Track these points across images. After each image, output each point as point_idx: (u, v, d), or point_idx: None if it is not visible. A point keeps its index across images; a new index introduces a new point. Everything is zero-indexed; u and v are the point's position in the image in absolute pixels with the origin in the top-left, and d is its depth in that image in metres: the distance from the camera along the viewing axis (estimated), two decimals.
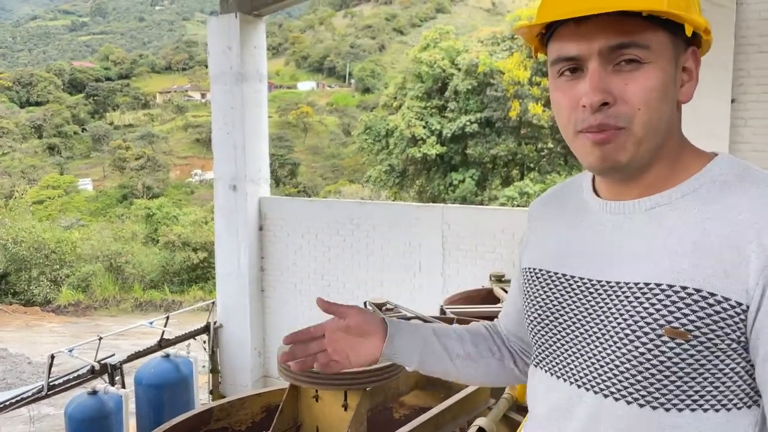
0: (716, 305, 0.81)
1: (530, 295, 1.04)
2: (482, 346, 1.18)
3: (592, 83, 0.85)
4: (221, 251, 8.05)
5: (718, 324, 0.81)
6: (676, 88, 0.89)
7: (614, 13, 0.83)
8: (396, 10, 67.47)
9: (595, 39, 0.85)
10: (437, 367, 1.15)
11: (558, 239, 1.02)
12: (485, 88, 23.39)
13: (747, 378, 0.84)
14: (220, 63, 7.73)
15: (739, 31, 5.31)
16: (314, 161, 41.87)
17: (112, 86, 53.68)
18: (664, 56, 0.86)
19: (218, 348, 7.99)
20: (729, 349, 0.82)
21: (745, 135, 5.39)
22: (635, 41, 0.84)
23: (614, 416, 0.89)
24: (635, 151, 0.87)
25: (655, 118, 0.86)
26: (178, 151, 44.03)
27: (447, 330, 1.17)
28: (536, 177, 22.78)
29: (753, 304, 0.80)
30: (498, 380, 1.21)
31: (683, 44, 0.88)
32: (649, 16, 0.83)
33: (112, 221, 29.01)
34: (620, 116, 0.85)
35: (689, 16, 0.84)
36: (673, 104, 0.89)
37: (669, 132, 0.90)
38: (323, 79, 59.99)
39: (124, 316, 20.35)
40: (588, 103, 0.85)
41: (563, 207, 1.05)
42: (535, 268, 1.04)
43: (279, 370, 2.48)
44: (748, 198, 0.83)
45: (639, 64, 0.84)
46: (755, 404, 0.85)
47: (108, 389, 5.57)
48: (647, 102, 0.85)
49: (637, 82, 0.84)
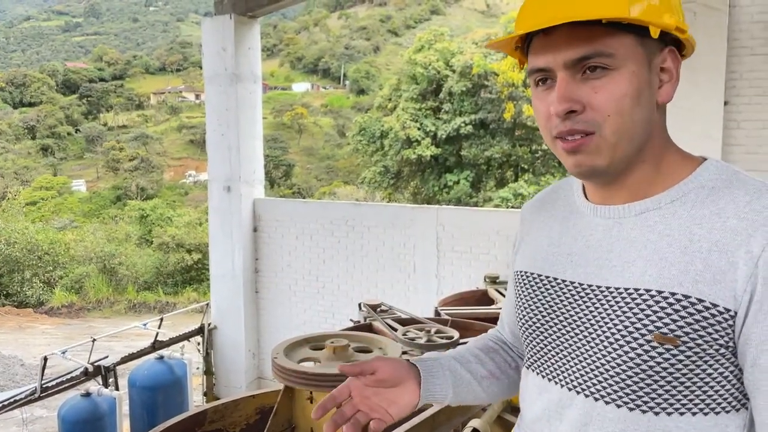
0: (704, 311, 0.82)
1: (522, 299, 1.05)
2: (498, 359, 1.18)
3: (558, 93, 0.87)
4: (215, 252, 8.04)
5: (707, 330, 0.82)
6: (651, 90, 0.88)
7: (577, 23, 0.83)
8: (390, 11, 67.56)
9: (561, 50, 0.86)
10: (469, 396, 1.14)
11: (549, 243, 1.02)
12: (480, 89, 23.46)
13: (735, 382, 0.85)
14: (214, 64, 7.72)
15: (732, 33, 5.34)
16: (309, 162, 41.85)
17: (106, 87, 53.54)
18: (634, 60, 0.86)
19: (212, 349, 7.97)
20: (717, 354, 0.83)
21: (738, 137, 5.42)
22: (599, 50, 0.85)
23: (604, 419, 0.90)
24: (611, 155, 0.88)
25: (628, 123, 0.86)
26: (172, 152, 43.93)
27: (465, 354, 1.16)
28: (530, 178, 22.85)
29: (741, 310, 0.81)
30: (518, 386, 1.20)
31: (658, 45, 0.88)
32: (612, 23, 0.84)
33: (106, 222, 28.92)
34: (589, 122, 0.86)
35: (654, 18, 0.84)
36: (650, 106, 0.89)
37: (648, 134, 0.90)
38: (318, 80, 60.01)
39: (118, 317, 20.27)
40: (554, 113, 0.87)
41: (554, 210, 1.05)
42: (526, 272, 1.05)
43: (273, 372, 2.48)
44: (736, 204, 0.84)
45: (606, 71, 0.85)
46: (743, 407, 0.86)
47: (101, 391, 5.55)
48: (618, 108, 0.85)
49: (606, 90, 0.85)
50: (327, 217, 7.59)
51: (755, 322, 0.80)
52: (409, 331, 3.88)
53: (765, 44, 5.28)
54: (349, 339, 2.70)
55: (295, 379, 2.38)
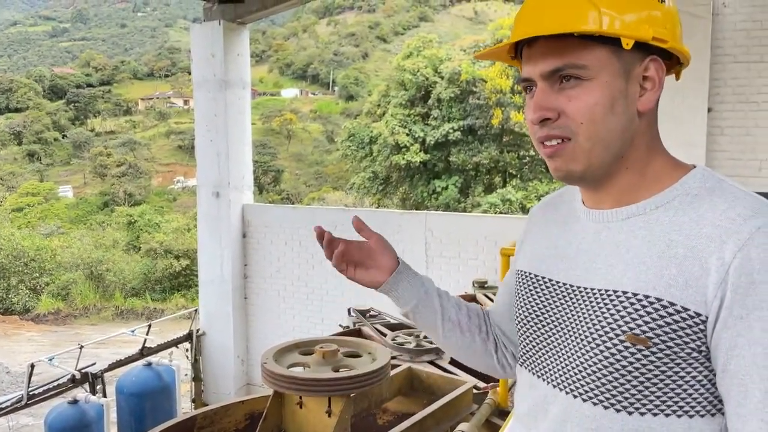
0: (675, 314, 0.84)
1: (520, 297, 1.09)
2: (474, 321, 1.22)
3: (534, 102, 0.93)
4: (204, 258, 8.01)
5: (677, 333, 0.84)
6: (628, 99, 0.91)
7: (553, 36, 0.88)
8: (379, 18, 67.77)
9: (538, 62, 0.92)
10: (427, 321, 1.19)
11: (548, 244, 1.06)
12: (468, 96, 23.57)
13: (709, 386, 0.86)
14: (203, 70, 7.72)
15: (715, 41, 5.43)
16: (298, 168, 41.81)
17: (94, 92, 53.26)
18: (607, 71, 0.89)
19: (201, 356, 7.93)
20: (690, 358, 0.85)
21: (722, 143, 5.49)
22: (571, 62, 0.89)
23: (582, 416, 0.93)
24: (587, 161, 0.92)
25: (602, 131, 0.90)
26: (161, 157, 43.73)
27: (448, 294, 1.22)
28: (518, 184, 22.96)
29: (711, 315, 0.83)
30: (475, 358, 1.24)
31: (639, 55, 0.90)
32: (585, 35, 0.87)
33: (93, 229, 28.71)
34: (565, 128, 0.91)
35: (627, 30, 0.87)
36: (627, 115, 0.91)
37: (628, 142, 0.93)
38: (307, 86, 60.05)
39: (105, 324, 20.09)
40: (530, 120, 0.93)
41: (556, 213, 1.10)
42: (526, 271, 1.09)
43: (263, 377, 2.49)
44: (714, 212, 0.86)
45: (580, 81, 0.89)
46: (719, 412, 0.87)
47: (89, 398, 5.50)
48: (590, 117, 0.89)
49: (579, 99, 0.89)
50: (316, 223, 7.44)
51: (725, 328, 0.82)
52: (398, 336, 3.90)
53: (748, 52, 5.37)
54: (339, 344, 2.72)
55: (284, 384, 2.39)
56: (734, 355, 0.81)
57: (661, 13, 0.91)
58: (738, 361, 0.81)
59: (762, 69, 5.33)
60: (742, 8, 5.36)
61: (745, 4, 5.35)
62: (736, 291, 0.81)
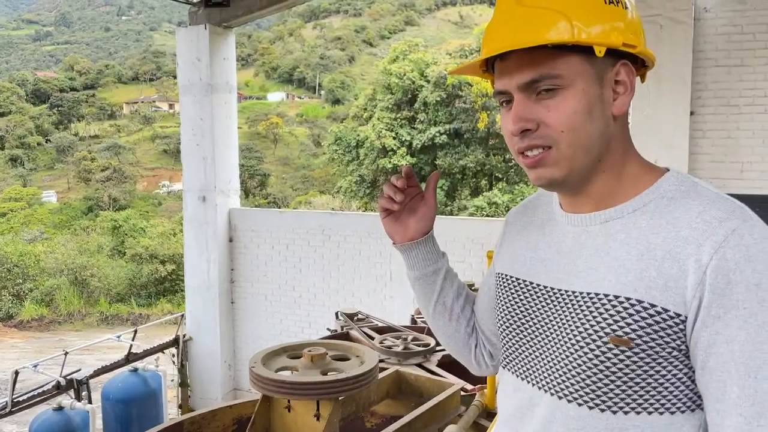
0: (656, 315, 0.87)
1: (501, 300, 1.11)
2: (466, 313, 1.25)
3: (513, 114, 0.95)
4: (190, 263, 7.97)
5: (658, 333, 0.87)
6: (604, 103, 0.94)
7: (526, 48, 0.90)
8: (365, 22, 67.89)
9: (514, 75, 0.94)
10: (422, 296, 1.24)
11: (527, 248, 1.08)
12: (454, 99, 23.70)
13: (689, 383, 0.89)
14: (189, 74, 7.70)
15: (697, 45, 5.50)
16: (284, 172, 41.71)
17: (77, 97, 52.79)
18: (582, 78, 0.91)
19: (187, 361, 7.88)
20: (670, 357, 0.88)
21: (704, 146, 5.57)
22: (546, 73, 0.91)
23: (567, 417, 0.95)
24: (569, 167, 0.94)
25: (583, 137, 0.92)
26: (146, 162, 43.45)
27: (456, 280, 1.26)
28: (504, 187, 23.09)
29: (690, 315, 0.86)
30: (454, 346, 1.28)
31: (610, 60, 0.93)
32: (558, 45, 0.89)
33: (77, 234, 28.44)
34: (545, 137, 0.93)
35: (598, 38, 0.90)
36: (604, 119, 0.94)
37: (605, 145, 0.95)
38: (293, 90, 59.95)
39: (90, 330, 19.90)
40: (511, 132, 0.95)
41: (535, 216, 1.12)
42: (506, 274, 1.11)
43: (251, 381, 2.48)
44: (689, 214, 0.89)
45: (557, 90, 0.91)
46: (698, 408, 0.90)
47: (74, 405, 5.45)
48: (570, 124, 0.92)
49: (557, 108, 0.92)
50: (303, 227, 7.58)
51: (703, 327, 0.85)
52: (386, 339, 3.90)
53: (728, 56, 5.45)
54: (327, 347, 2.72)
55: (273, 387, 2.39)
56: (713, 353, 0.84)
57: (626, 21, 0.93)
58: (716, 359, 0.84)
59: (743, 73, 5.41)
60: (722, 13, 5.44)
61: (725, 8, 5.43)
62: (714, 291, 0.83)
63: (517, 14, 0.92)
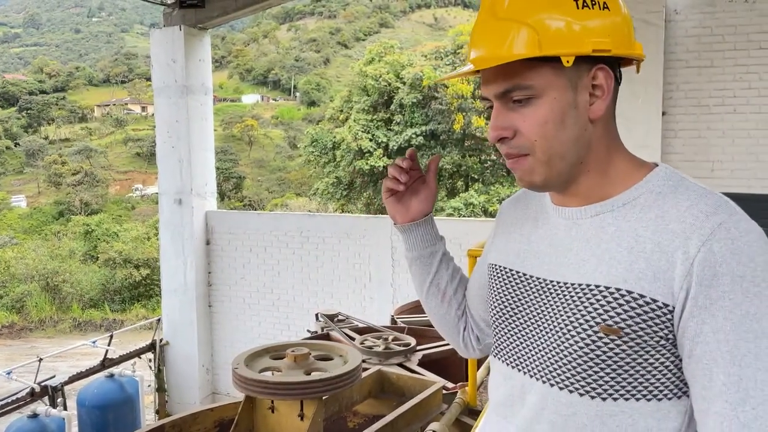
0: (645, 306, 0.90)
1: (494, 290, 1.13)
2: (458, 297, 1.29)
3: (491, 123, 0.98)
4: (167, 267, 7.89)
5: (647, 323, 0.90)
6: (579, 109, 0.95)
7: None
8: (340, 24, 67.79)
9: (491, 85, 0.97)
10: (417, 276, 1.29)
11: (520, 239, 1.11)
12: (430, 101, 23.78)
13: (676, 371, 0.93)
14: (164, 75, 7.62)
15: (668, 47, 5.62)
16: (260, 174, 41.44)
17: (47, 99, 51.80)
18: (554, 87, 0.94)
19: (164, 366, 7.80)
20: (658, 345, 0.91)
21: (676, 146, 5.69)
22: (517, 84, 0.94)
23: (558, 404, 0.98)
24: (547, 172, 0.97)
25: (556, 145, 0.95)
26: (118, 165, 42.81)
27: (452, 264, 1.31)
28: (480, 188, 23.22)
29: (678, 305, 0.89)
30: (443, 327, 1.32)
31: (586, 66, 0.94)
32: (528, 58, 0.92)
33: (48, 239, 27.92)
34: (521, 146, 0.97)
35: (567, 48, 0.91)
36: (579, 125, 0.96)
37: (584, 149, 0.97)
38: (268, 92, 59.59)
39: (62, 337, 19.56)
40: (489, 139, 0.99)
41: (528, 209, 1.14)
42: (499, 265, 1.13)
43: (234, 382, 2.47)
44: (678, 208, 0.92)
45: (530, 100, 0.94)
46: (685, 395, 0.94)
47: (49, 412, 5.37)
48: (542, 134, 0.95)
49: (530, 117, 0.95)
50: (281, 229, 7.55)
51: (690, 317, 0.88)
52: (367, 340, 3.91)
53: (699, 57, 5.58)
54: (310, 348, 2.72)
55: (256, 388, 2.38)
56: (699, 342, 0.87)
57: (602, 24, 0.93)
58: (703, 347, 0.87)
59: (713, 73, 5.54)
60: (692, 15, 5.56)
61: (695, 11, 5.55)
62: (701, 283, 0.87)
63: (491, 27, 0.94)
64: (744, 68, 5.45)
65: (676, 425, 0.94)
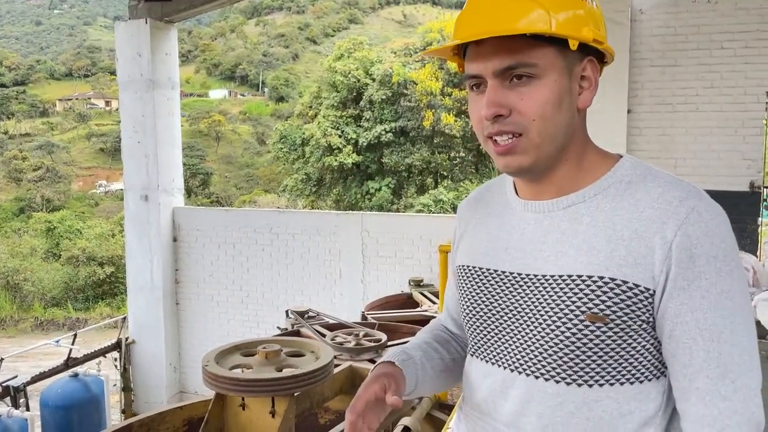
0: (628, 291, 0.93)
1: (464, 291, 1.12)
2: (452, 351, 1.26)
3: (487, 99, 0.96)
4: (133, 264, 7.75)
5: (631, 307, 0.93)
6: (571, 96, 0.98)
7: (503, 36, 0.92)
8: (309, 19, 67.33)
9: (490, 60, 0.95)
10: (424, 391, 1.20)
11: (487, 237, 1.11)
12: (399, 98, 23.78)
13: (655, 353, 0.97)
14: (129, 69, 7.48)
15: (634, 46, 5.73)
16: (228, 171, 40.97)
17: (6, 93, 50.40)
18: (555, 70, 0.95)
19: (131, 365, 7.66)
20: (640, 329, 0.94)
21: (640, 143, 5.80)
22: (522, 61, 0.94)
23: (545, 395, 0.99)
24: (536, 155, 0.97)
25: (551, 126, 0.96)
26: (81, 161, 41.88)
27: (429, 350, 1.20)
28: (450, 185, 23.34)
29: (658, 288, 0.92)
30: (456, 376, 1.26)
31: (578, 55, 0.97)
32: (535, 36, 0.92)
33: (8, 236, 27.19)
34: (516, 124, 0.96)
35: (572, 32, 0.94)
36: (571, 111, 0.98)
37: (570, 136, 1.00)
38: (235, 87, 58.89)
39: (23, 336, 19.08)
40: (484, 116, 0.97)
41: (489, 207, 1.14)
42: (467, 266, 1.13)
43: (204, 379, 2.45)
44: (650, 196, 0.95)
45: (531, 79, 0.94)
46: (663, 375, 0.98)
47: (12, 413, 5.24)
48: (541, 113, 0.95)
49: (530, 96, 0.95)
50: (250, 226, 7.49)
51: (670, 299, 0.92)
52: (338, 336, 3.91)
53: (663, 56, 5.69)
54: (281, 344, 2.71)
55: (227, 385, 2.36)
56: (679, 322, 0.92)
57: (594, 17, 0.98)
58: (682, 327, 0.92)
59: (676, 72, 5.66)
60: (657, 15, 5.68)
61: (660, 11, 5.67)
62: (679, 265, 0.90)
63: (500, 4, 0.94)
64: (706, 67, 5.58)
65: (656, 405, 0.97)
